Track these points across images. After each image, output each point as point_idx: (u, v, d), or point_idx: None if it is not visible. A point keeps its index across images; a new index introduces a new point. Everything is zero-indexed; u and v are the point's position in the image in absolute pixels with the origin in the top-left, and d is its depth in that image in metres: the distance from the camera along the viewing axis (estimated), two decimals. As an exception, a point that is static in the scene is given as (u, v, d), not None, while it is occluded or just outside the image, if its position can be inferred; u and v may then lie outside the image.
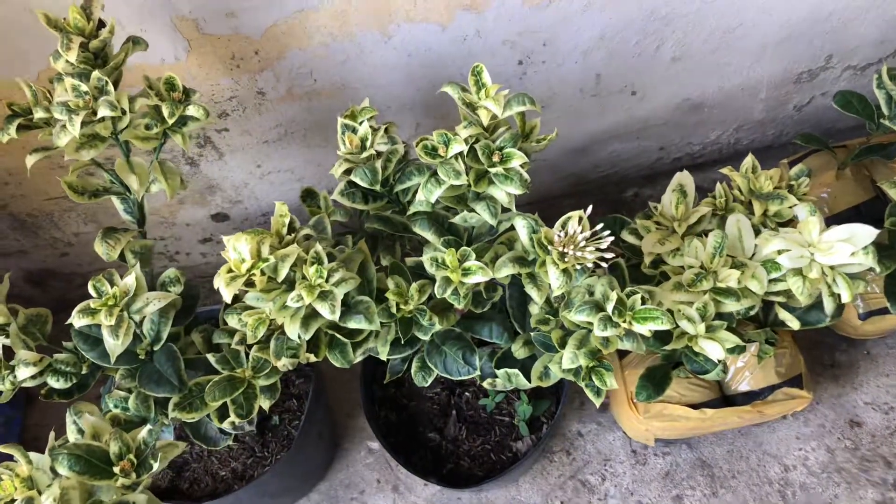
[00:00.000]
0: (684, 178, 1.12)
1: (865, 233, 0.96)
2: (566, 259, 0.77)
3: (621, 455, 1.34)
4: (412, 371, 0.99)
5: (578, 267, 0.79)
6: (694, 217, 1.09)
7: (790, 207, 1.07)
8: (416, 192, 0.86)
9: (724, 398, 1.27)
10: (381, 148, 0.91)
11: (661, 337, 1.08)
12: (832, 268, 1.01)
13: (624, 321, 0.80)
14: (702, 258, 1.01)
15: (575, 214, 0.78)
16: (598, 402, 0.88)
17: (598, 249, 0.78)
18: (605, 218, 1.21)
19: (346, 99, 1.23)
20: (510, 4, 1.14)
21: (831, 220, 1.39)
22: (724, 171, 1.12)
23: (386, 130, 0.98)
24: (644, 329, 0.81)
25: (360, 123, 0.95)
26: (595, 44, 1.25)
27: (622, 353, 1.31)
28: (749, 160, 1.12)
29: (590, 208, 0.80)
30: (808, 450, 1.32)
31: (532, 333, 0.92)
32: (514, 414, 1.20)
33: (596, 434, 1.37)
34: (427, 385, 0.98)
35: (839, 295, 1.00)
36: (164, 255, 1.47)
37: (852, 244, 0.96)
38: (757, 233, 1.05)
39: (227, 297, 0.70)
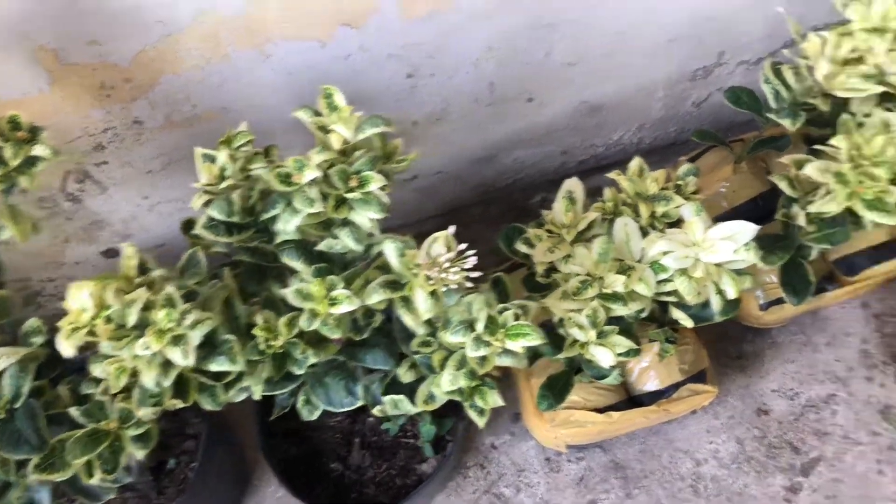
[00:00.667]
0: (573, 184, 1.12)
1: (746, 229, 0.97)
2: (432, 281, 0.76)
3: (535, 464, 1.33)
4: (298, 405, 0.96)
5: (447, 288, 0.77)
6: (583, 223, 1.08)
7: (677, 207, 1.07)
8: (284, 221, 0.83)
9: (632, 399, 1.28)
10: (261, 172, 0.88)
11: (557, 345, 1.08)
12: (718, 265, 1.02)
13: (496, 339, 0.79)
14: (587, 265, 1.00)
15: (440, 235, 0.77)
16: (481, 423, 0.86)
17: (463, 269, 0.76)
18: (505, 228, 1.20)
19: (230, 122, 1.17)
20: (389, 18, 1.12)
21: (731, 214, 1.41)
22: (612, 175, 1.12)
23: (267, 153, 0.95)
24: (517, 346, 0.80)
25: (236, 149, 0.92)
26: (484, 53, 1.23)
27: (529, 361, 1.29)
28: (636, 163, 1.12)
29: (452, 228, 0.78)
30: (719, 442, 1.33)
31: (416, 356, 0.90)
32: (420, 435, 1.18)
33: (510, 445, 1.36)
34: (315, 418, 0.95)
35: (726, 291, 1.01)
36: (56, 297, 1.41)
37: (734, 241, 0.97)
38: (646, 235, 1.05)
39: (68, 353, 0.66)
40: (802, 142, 1.34)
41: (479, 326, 0.78)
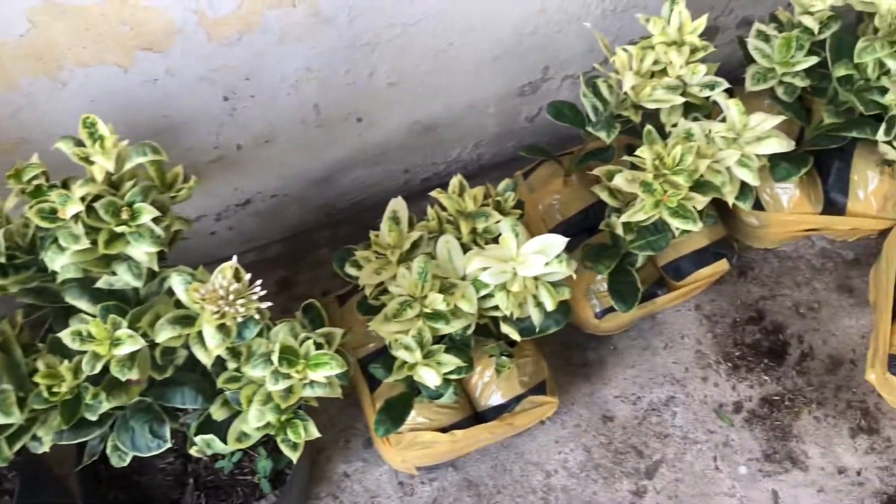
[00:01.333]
0: (397, 204, 1.11)
1: (556, 242, 0.99)
2: (220, 314, 0.72)
3: (388, 490, 1.31)
4: (108, 451, 0.89)
5: (240, 320, 0.74)
6: (407, 243, 1.07)
7: (496, 223, 1.08)
8: (66, 258, 0.77)
9: (477, 415, 1.27)
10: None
11: (389, 367, 1.06)
12: (536, 279, 1.03)
13: (297, 371, 0.76)
14: (408, 285, 0.99)
15: (226, 266, 0.73)
16: (294, 457, 0.83)
17: (251, 300, 0.73)
18: (337, 251, 1.18)
19: (31, 153, 1.10)
20: (195, 41, 1.07)
21: (564, 226, 1.44)
22: (433, 193, 1.12)
23: (65, 185, 0.89)
24: (318, 376, 0.77)
25: (28, 182, 0.86)
26: (303, 75, 1.21)
27: (374, 385, 1.27)
28: (456, 180, 1.12)
29: (235, 258, 0.75)
30: (567, 451, 1.35)
31: (227, 393, 0.86)
32: (257, 470, 1.13)
33: (362, 472, 1.33)
34: (126, 464, 0.89)
35: (544, 303, 1.03)
36: None
37: (545, 254, 0.99)
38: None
39: None
40: (626, 153, 1.39)
41: (274, 359, 0.75)
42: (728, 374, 1.42)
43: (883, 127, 1.25)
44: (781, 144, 1.13)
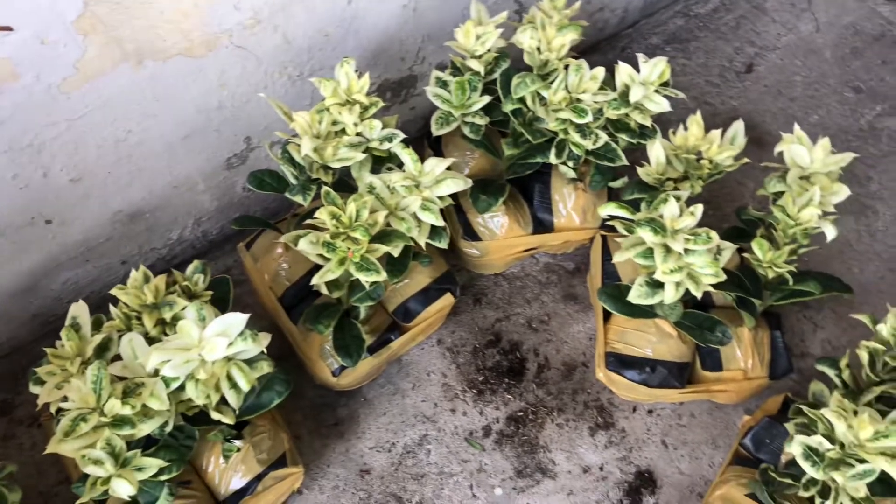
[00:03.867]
0: (77, 309, 1.06)
1: (237, 321, 0.98)
2: None
3: None
4: None
5: None
6: (89, 349, 1.02)
7: (183, 310, 1.06)
8: None
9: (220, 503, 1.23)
10: None
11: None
12: (229, 360, 1.01)
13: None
14: (82, 397, 0.94)
15: None
16: None
17: None
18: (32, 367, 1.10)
19: None
20: None
21: (293, 289, 1.43)
22: (114, 291, 1.08)
23: None
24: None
25: None
26: (-39, 187, 1.13)
27: (103, 500, 1.19)
28: (139, 274, 1.09)
29: None
30: (328, 517, 1.34)
31: None
32: None
33: None
34: None
35: (239, 384, 1.01)
36: None
37: (228, 335, 0.97)
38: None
39: None
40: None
41: None
42: (474, 401, 1.48)
43: (553, 151, 1.37)
44: (458, 184, 1.20)
